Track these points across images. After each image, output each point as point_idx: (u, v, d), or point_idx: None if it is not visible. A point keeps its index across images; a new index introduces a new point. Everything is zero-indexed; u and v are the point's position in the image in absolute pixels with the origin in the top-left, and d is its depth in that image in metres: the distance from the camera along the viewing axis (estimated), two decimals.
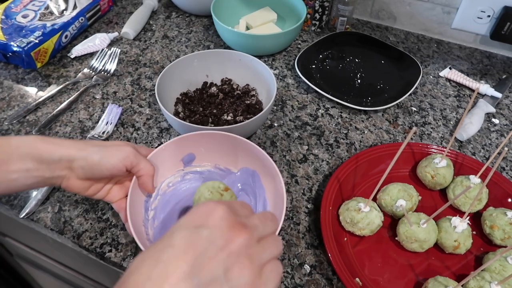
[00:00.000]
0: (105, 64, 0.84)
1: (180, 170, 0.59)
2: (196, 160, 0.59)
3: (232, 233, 0.31)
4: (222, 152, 0.58)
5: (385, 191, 0.59)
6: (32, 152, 0.46)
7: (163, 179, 0.57)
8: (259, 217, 0.35)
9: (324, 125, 0.74)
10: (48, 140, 0.47)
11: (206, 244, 0.30)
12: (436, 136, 0.73)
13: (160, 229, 0.54)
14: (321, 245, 0.57)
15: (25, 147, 0.46)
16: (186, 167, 0.59)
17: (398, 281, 0.54)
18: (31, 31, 0.81)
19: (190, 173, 0.59)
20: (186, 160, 0.58)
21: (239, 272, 0.30)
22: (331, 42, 0.90)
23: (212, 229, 0.31)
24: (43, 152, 0.46)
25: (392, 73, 0.84)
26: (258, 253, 0.32)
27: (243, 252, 0.31)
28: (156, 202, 0.56)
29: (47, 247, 0.86)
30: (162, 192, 0.57)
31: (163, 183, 0.57)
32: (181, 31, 0.95)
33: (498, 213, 0.56)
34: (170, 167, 0.58)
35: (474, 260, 0.56)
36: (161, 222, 0.55)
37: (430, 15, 0.93)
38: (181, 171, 0.59)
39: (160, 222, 0.55)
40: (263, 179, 0.57)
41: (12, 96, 0.77)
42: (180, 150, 0.57)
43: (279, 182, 0.52)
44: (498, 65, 0.89)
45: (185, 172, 0.59)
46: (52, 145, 0.47)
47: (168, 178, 0.58)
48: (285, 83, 0.82)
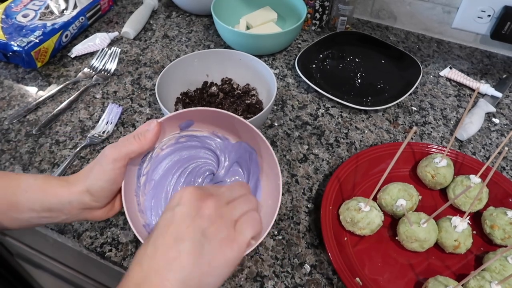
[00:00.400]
0: (106, 64, 0.84)
1: (175, 134, 0.55)
2: (193, 126, 0.56)
3: (201, 202, 0.38)
4: (222, 125, 0.55)
5: (385, 190, 0.59)
6: (41, 199, 0.44)
7: (156, 144, 0.54)
8: (226, 186, 0.42)
9: (325, 124, 0.74)
10: (54, 183, 0.45)
11: (181, 217, 0.37)
12: (436, 135, 0.73)
13: (151, 196, 0.53)
14: (321, 245, 0.57)
15: (33, 192, 0.44)
16: (182, 132, 0.56)
17: (398, 281, 0.54)
18: (31, 30, 0.81)
19: (186, 136, 0.56)
20: (184, 126, 0.55)
21: (214, 230, 0.37)
22: (332, 41, 0.90)
23: (184, 204, 0.38)
24: (51, 198, 0.44)
25: (393, 73, 0.84)
26: (228, 211, 0.39)
27: (213, 214, 0.37)
28: (148, 167, 0.54)
29: (48, 247, 0.86)
30: (155, 156, 0.54)
31: (156, 148, 0.54)
32: (181, 30, 0.95)
33: (498, 212, 0.56)
34: (166, 132, 0.54)
35: (474, 260, 0.56)
36: (152, 188, 0.54)
37: (431, 15, 0.93)
38: (177, 134, 0.55)
39: (152, 188, 0.54)
40: (260, 160, 0.55)
41: (12, 95, 0.77)
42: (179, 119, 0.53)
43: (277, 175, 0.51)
44: (498, 64, 0.89)
45: (180, 135, 0.55)
46: (59, 188, 0.45)
47: (162, 142, 0.55)
48: (286, 83, 0.82)
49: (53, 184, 0.45)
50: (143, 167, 0.53)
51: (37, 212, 0.44)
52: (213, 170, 0.57)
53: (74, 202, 0.44)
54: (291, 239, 0.58)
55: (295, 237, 0.58)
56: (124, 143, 0.45)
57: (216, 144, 0.57)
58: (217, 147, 0.57)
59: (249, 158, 0.56)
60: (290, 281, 0.53)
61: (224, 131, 0.56)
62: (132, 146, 0.45)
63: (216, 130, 0.56)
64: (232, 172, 0.57)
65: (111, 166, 0.44)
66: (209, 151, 0.57)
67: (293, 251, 0.56)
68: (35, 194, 0.44)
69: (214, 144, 0.57)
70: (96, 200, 0.45)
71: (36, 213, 0.44)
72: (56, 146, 0.68)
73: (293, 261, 0.55)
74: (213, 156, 0.57)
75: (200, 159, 0.57)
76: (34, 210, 0.44)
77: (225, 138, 0.56)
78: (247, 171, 0.56)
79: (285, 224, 0.59)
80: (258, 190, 0.55)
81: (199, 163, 0.57)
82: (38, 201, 0.44)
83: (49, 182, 0.45)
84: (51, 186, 0.45)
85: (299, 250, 0.57)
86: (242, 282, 0.53)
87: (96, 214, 0.47)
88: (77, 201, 0.44)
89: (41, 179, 0.45)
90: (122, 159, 0.44)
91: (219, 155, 0.56)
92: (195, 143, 0.56)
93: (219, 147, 0.57)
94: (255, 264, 0.55)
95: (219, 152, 0.57)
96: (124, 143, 0.45)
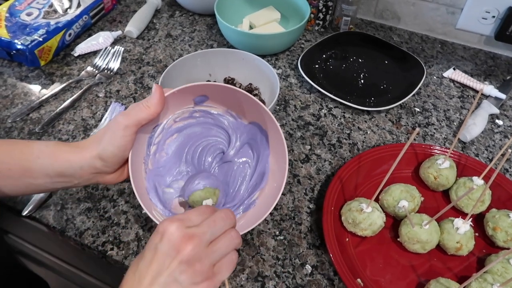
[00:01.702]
0: (109, 63, 0.84)
1: (189, 107, 0.55)
2: (208, 102, 0.55)
3: (182, 244, 0.38)
4: (235, 104, 0.55)
5: (388, 191, 0.59)
6: (53, 165, 0.46)
7: (170, 116, 0.55)
8: (209, 223, 0.41)
9: (327, 125, 0.74)
10: (65, 149, 0.47)
11: (163, 257, 0.38)
12: (439, 137, 0.73)
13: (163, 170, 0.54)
14: (322, 246, 0.57)
15: (45, 158, 0.46)
16: (196, 106, 0.56)
17: (400, 282, 0.54)
18: (35, 29, 0.81)
19: (199, 112, 0.56)
20: (198, 101, 0.55)
21: (190, 275, 0.38)
22: (335, 42, 0.89)
23: (166, 244, 0.38)
24: (62, 163, 0.46)
25: (396, 74, 0.83)
26: (207, 255, 0.39)
27: (192, 258, 0.38)
28: (159, 137, 0.54)
29: (50, 245, 0.86)
30: (168, 127, 0.55)
31: (169, 119, 0.55)
32: (184, 30, 0.95)
33: (501, 215, 0.56)
34: (180, 104, 0.54)
35: (476, 262, 0.56)
36: (164, 162, 0.54)
37: (434, 15, 0.93)
38: (191, 108, 0.55)
39: (163, 162, 0.54)
40: (270, 143, 0.55)
41: (16, 94, 0.78)
42: (193, 92, 0.53)
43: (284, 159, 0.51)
44: (502, 66, 0.89)
45: (194, 110, 0.56)
46: (70, 154, 0.46)
47: (176, 114, 0.55)
48: (288, 83, 0.82)
49: (64, 150, 0.46)
50: (154, 137, 0.54)
51: (50, 177, 0.46)
52: (223, 149, 0.57)
53: (85, 167, 0.46)
54: (292, 240, 0.58)
55: (297, 237, 0.58)
56: (134, 110, 0.46)
57: (229, 122, 0.57)
58: (230, 126, 0.57)
59: (260, 141, 0.56)
60: (291, 282, 0.53)
61: (238, 110, 0.56)
62: (141, 113, 0.46)
63: (230, 109, 0.56)
64: (242, 153, 0.57)
65: (122, 133, 0.45)
66: (221, 130, 0.57)
67: (295, 252, 0.56)
68: (47, 160, 0.46)
69: (227, 123, 0.56)
70: (107, 165, 0.47)
71: (50, 178, 0.46)
72: None
73: (294, 261, 0.55)
74: (224, 134, 0.57)
75: (211, 137, 0.57)
76: (48, 175, 0.46)
77: (239, 117, 0.56)
78: (257, 154, 0.56)
79: (287, 225, 0.59)
80: (265, 173, 0.55)
81: (210, 141, 0.57)
82: (50, 166, 0.46)
83: (60, 148, 0.47)
84: (62, 152, 0.46)
85: (300, 250, 0.57)
86: (243, 282, 0.53)
87: (107, 178, 0.50)
88: (88, 166, 0.46)
89: (52, 145, 0.47)
90: (133, 126, 0.46)
91: (231, 134, 0.56)
92: (208, 120, 0.56)
93: (232, 126, 0.57)
94: (256, 264, 0.55)
95: (231, 132, 0.56)
96: (134, 110, 0.46)
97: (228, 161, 0.57)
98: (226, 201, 0.55)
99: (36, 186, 0.47)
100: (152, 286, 0.37)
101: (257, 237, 0.58)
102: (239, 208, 0.55)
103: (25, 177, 0.46)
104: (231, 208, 0.55)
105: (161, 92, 0.47)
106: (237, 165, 0.57)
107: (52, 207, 0.60)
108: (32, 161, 0.46)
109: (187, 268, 0.38)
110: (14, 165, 0.46)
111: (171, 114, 0.54)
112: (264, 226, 0.59)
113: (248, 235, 0.58)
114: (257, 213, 0.53)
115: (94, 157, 0.46)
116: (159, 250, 0.38)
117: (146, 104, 0.47)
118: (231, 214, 0.43)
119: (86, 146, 0.47)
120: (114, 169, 0.49)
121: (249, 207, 0.55)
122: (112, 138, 0.46)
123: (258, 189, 0.56)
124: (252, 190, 0.56)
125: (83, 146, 0.47)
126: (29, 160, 0.46)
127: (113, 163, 0.47)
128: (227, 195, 0.56)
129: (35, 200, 0.60)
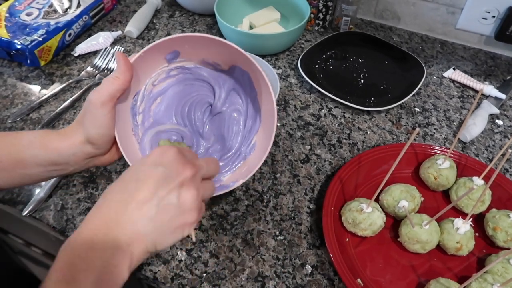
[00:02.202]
0: (109, 63, 0.84)
1: (164, 67, 0.53)
2: (181, 56, 0.53)
3: (183, 168, 0.38)
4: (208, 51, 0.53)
5: (388, 192, 0.59)
6: (44, 154, 0.45)
7: (147, 80, 0.53)
8: (205, 160, 0.43)
9: (327, 125, 0.74)
10: (53, 138, 0.46)
11: (162, 176, 0.37)
12: (439, 137, 0.73)
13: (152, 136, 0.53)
14: (322, 246, 0.57)
15: (35, 148, 0.45)
16: (170, 64, 0.53)
17: (400, 282, 0.54)
18: (35, 29, 0.81)
19: (176, 69, 0.54)
20: (170, 58, 0.53)
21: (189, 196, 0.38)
22: (335, 42, 0.89)
23: (166, 165, 0.38)
24: (53, 152, 0.45)
25: (396, 74, 0.83)
26: (202, 188, 0.40)
27: (191, 183, 0.39)
28: (143, 105, 0.53)
29: (50, 245, 0.86)
30: (148, 93, 0.53)
31: (147, 84, 0.53)
32: (184, 30, 0.95)
33: (501, 215, 0.56)
34: (153, 66, 0.52)
35: (476, 262, 0.56)
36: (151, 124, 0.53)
37: (434, 15, 0.93)
38: (165, 67, 0.53)
39: (151, 124, 0.53)
40: (254, 82, 0.53)
41: (16, 94, 0.78)
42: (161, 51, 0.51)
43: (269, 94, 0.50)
44: (502, 66, 0.89)
45: (169, 68, 0.53)
46: (59, 142, 0.45)
47: (152, 77, 0.53)
48: (288, 83, 0.82)
49: (52, 138, 0.46)
50: (137, 106, 0.52)
51: (44, 166, 0.46)
52: (210, 102, 0.56)
53: (78, 153, 0.46)
54: (292, 240, 0.58)
55: (297, 237, 0.58)
56: (104, 85, 0.45)
57: (208, 74, 0.55)
58: (210, 76, 0.55)
59: (244, 83, 0.54)
60: (291, 282, 0.53)
61: (213, 58, 0.53)
62: (112, 86, 0.45)
63: (205, 58, 0.54)
64: (230, 101, 0.56)
65: (100, 111, 0.44)
66: (203, 82, 0.55)
67: (295, 252, 0.56)
68: (38, 150, 0.45)
69: (207, 74, 0.55)
70: (98, 147, 0.46)
71: (43, 168, 0.46)
72: None
73: (295, 261, 0.55)
74: (207, 87, 0.56)
75: (195, 92, 0.56)
76: (40, 165, 0.45)
77: (217, 64, 0.54)
78: (245, 97, 0.55)
79: (287, 225, 0.59)
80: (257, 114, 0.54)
81: (195, 97, 0.56)
82: (42, 156, 0.45)
83: (48, 137, 0.46)
84: (50, 141, 0.45)
85: (300, 250, 0.57)
86: (243, 282, 0.53)
87: (103, 159, 0.49)
88: (80, 152, 0.46)
89: (39, 135, 0.46)
90: (109, 101, 0.44)
91: (214, 85, 0.55)
92: (187, 75, 0.55)
93: (212, 76, 0.55)
94: (256, 264, 0.55)
95: (213, 82, 0.55)
96: (104, 85, 0.45)
97: (218, 113, 0.55)
98: (224, 153, 0.55)
99: (31, 176, 0.46)
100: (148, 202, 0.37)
101: (257, 237, 0.58)
102: (239, 156, 0.55)
103: (18, 168, 0.45)
104: (231, 158, 0.55)
105: (126, 58, 0.46)
106: (228, 114, 0.56)
107: (52, 207, 0.60)
108: (23, 152, 0.45)
109: (186, 190, 0.38)
110: (5, 157, 0.45)
111: (148, 78, 0.52)
112: (264, 226, 0.59)
113: (248, 235, 0.58)
114: (259, 156, 0.52)
115: (83, 143, 0.45)
116: (158, 170, 0.38)
117: (114, 75, 0.45)
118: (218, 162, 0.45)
119: (73, 132, 0.46)
120: (106, 149, 0.48)
121: (249, 153, 0.55)
122: (93, 120, 0.45)
123: (254, 133, 0.55)
124: (249, 135, 0.55)
125: (70, 132, 0.46)
126: (20, 151, 0.45)
127: (103, 144, 0.47)
128: (225, 148, 0.55)
129: (35, 200, 0.60)
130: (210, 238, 0.57)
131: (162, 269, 0.54)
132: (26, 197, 0.61)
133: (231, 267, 0.54)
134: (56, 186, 0.62)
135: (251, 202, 0.62)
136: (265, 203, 0.62)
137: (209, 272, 0.54)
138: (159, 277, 0.53)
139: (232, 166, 0.56)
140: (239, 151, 0.56)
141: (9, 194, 0.62)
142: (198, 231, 0.58)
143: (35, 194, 0.61)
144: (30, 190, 0.62)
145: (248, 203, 0.61)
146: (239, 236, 0.58)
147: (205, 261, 0.55)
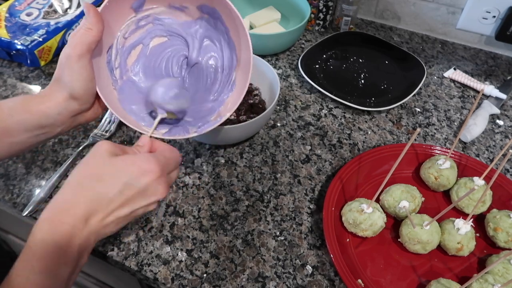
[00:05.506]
0: None
1: (132, 17, 0.53)
2: (147, 3, 0.52)
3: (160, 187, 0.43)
4: None
5: (388, 192, 0.59)
6: (30, 119, 0.45)
7: (117, 33, 0.52)
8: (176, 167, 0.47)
9: (327, 125, 0.74)
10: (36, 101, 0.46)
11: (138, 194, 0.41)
12: (440, 137, 0.73)
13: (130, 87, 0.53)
14: (323, 246, 0.57)
15: (18, 114, 0.45)
16: (138, 13, 0.53)
17: (400, 283, 0.53)
18: (35, 29, 0.81)
19: (145, 18, 0.54)
20: (137, 6, 0.52)
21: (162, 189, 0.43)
22: (335, 42, 0.89)
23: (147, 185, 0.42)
24: (38, 115, 0.45)
25: (396, 74, 0.83)
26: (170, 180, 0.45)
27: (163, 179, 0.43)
28: (118, 59, 0.53)
29: None
30: (121, 46, 0.53)
31: (118, 38, 0.52)
32: None
33: (501, 215, 0.56)
34: (120, 18, 0.52)
35: (477, 263, 0.56)
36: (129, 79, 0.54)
37: (435, 15, 0.93)
38: (133, 17, 0.53)
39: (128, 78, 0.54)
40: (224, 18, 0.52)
41: (16, 94, 0.78)
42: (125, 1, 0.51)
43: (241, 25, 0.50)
44: (503, 66, 0.89)
45: (138, 18, 0.53)
46: (42, 104, 0.45)
47: (122, 30, 0.52)
48: (289, 83, 0.82)
49: (35, 102, 0.46)
50: (112, 60, 0.52)
51: (31, 131, 0.46)
52: (185, 54, 0.56)
53: (63, 112, 0.46)
54: (293, 240, 0.58)
55: (297, 238, 0.58)
56: (78, 38, 0.45)
57: (178, 25, 0.55)
58: (181, 28, 0.55)
59: (215, 24, 0.54)
60: (292, 282, 0.53)
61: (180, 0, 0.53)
62: (86, 37, 0.45)
63: (171, 1, 0.53)
64: (205, 49, 0.56)
65: (79, 64, 0.44)
66: (176, 36, 0.55)
67: (295, 252, 0.56)
68: (22, 115, 0.45)
69: (177, 26, 0.55)
70: (83, 102, 0.47)
71: (30, 133, 0.46)
72: (59, 145, 0.69)
73: (295, 262, 0.55)
74: (180, 39, 0.56)
75: (169, 47, 0.56)
76: (27, 130, 0.46)
77: (184, 7, 0.54)
78: (218, 41, 0.55)
79: (287, 225, 0.59)
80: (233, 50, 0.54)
81: (169, 53, 0.56)
82: (28, 121, 0.45)
83: (30, 102, 0.46)
84: (34, 104, 0.46)
85: (301, 251, 0.56)
86: (244, 283, 0.53)
87: (88, 116, 0.50)
88: (65, 110, 0.46)
89: (20, 101, 0.46)
90: (86, 53, 0.45)
91: (185, 36, 0.55)
92: (158, 26, 0.55)
93: (183, 28, 0.55)
94: (256, 264, 0.55)
95: (185, 34, 0.55)
96: (78, 38, 0.45)
97: (195, 64, 0.55)
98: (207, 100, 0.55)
99: (18, 144, 0.46)
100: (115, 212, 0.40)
101: (258, 237, 0.57)
102: (222, 96, 0.55)
103: (4, 137, 0.45)
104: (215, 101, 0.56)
105: (95, 9, 0.46)
106: (205, 64, 0.56)
107: None
108: (5, 120, 0.45)
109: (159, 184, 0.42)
110: None
111: (117, 30, 0.52)
112: (264, 226, 0.59)
113: (249, 235, 0.58)
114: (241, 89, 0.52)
115: (67, 100, 0.46)
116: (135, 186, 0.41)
117: (87, 27, 0.45)
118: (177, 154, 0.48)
119: (54, 91, 0.46)
120: (90, 104, 0.48)
121: (231, 89, 0.55)
122: (73, 75, 0.45)
123: (233, 70, 0.55)
124: (228, 76, 0.55)
125: (51, 92, 0.46)
126: (3, 120, 0.45)
127: (87, 98, 0.47)
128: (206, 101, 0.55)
129: (36, 201, 0.60)
130: (211, 238, 0.57)
131: (162, 269, 0.54)
132: (26, 198, 0.61)
133: (232, 268, 0.54)
134: (56, 186, 0.62)
135: (251, 202, 0.62)
136: (266, 204, 0.61)
137: (209, 272, 0.54)
138: (159, 277, 0.53)
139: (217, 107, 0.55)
140: (222, 93, 0.55)
141: (9, 194, 0.62)
142: (198, 232, 0.58)
143: (35, 195, 0.61)
144: (30, 190, 0.62)
145: (249, 204, 0.61)
146: (239, 237, 0.57)
147: (205, 262, 0.55)
